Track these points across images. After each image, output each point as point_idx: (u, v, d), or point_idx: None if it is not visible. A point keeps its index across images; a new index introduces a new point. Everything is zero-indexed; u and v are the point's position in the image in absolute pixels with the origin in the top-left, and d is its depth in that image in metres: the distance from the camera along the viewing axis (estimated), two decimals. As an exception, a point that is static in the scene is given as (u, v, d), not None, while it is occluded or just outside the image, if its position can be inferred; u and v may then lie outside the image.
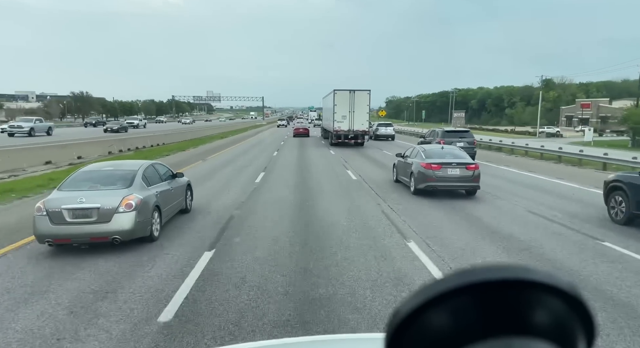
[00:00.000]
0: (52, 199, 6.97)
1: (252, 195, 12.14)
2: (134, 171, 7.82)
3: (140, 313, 4.87)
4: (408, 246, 7.40)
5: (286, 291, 5.45)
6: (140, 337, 4.32)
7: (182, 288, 5.51)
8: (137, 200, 7.16)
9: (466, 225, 9.07)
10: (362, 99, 29.36)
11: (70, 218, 6.78)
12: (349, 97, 29.16)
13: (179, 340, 4.28)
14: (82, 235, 6.84)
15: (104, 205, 6.90)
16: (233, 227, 8.71)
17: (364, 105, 29.42)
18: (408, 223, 9.04)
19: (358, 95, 29.29)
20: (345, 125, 29.40)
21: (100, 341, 4.27)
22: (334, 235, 8.08)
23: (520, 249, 7.43)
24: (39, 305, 5.08)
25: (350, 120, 29.28)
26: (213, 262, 6.50)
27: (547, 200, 11.70)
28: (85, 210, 6.83)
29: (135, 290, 5.50)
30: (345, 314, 4.81)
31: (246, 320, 4.70)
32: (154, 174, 8.41)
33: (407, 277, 5.99)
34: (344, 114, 29.23)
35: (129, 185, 7.41)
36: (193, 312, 4.89)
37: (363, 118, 29.57)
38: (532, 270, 0.43)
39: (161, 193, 8.16)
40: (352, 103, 29.12)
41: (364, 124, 29.68)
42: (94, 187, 7.34)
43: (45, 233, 6.76)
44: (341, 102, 29.15)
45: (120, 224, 6.90)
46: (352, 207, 10.65)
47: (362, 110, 29.37)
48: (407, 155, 13.48)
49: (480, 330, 0.41)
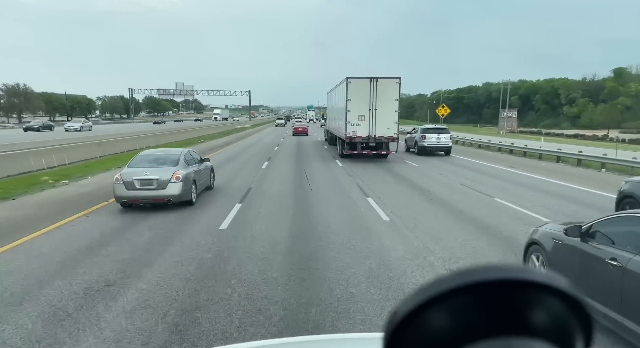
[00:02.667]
0: (125, 173, 10.04)
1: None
2: (178, 155, 10.96)
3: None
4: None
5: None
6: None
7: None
8: (182, 174, 10.22)
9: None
10: (388, 91, 20.68)
11: (139, 186, 9.85)
12: (369, 88, 20.63)
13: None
14: (147, 197, 9.93)
15: (161, 177, 9.97)
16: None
17: (391, 100, 20.70)
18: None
19: (383, 85, 20.66)
20: (363, 129, 20.97)
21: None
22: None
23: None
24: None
25: (370, 121, 20.89)
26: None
27: None
28: (149, 180, 9.90)
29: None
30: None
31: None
32: (190, 158, 11.46)
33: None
34: (362, 113, 20.85)
35: (175, 164, 10.48)
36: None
37: (390, 118, 20.76)
38: (531, 270, 0.43)
39: (195, 171, 11.21)
40: (373, 97, 20.65)
41: (391, 128, 20.96)
42: (152, 165, 10.42)
43: (122, 195, 9.86)
44: (358, 95, 20.69)
45: (172, 190, 9.97)
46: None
47: (388, 107, 20.64)
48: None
49: (479, 330, 0.41)
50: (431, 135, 24.41)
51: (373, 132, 21.07)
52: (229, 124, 77.56)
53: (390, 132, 21.08)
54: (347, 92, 20.77)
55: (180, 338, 4.29)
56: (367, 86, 20.72)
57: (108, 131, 43.75)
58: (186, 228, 8.51)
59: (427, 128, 25.39)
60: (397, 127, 21.19)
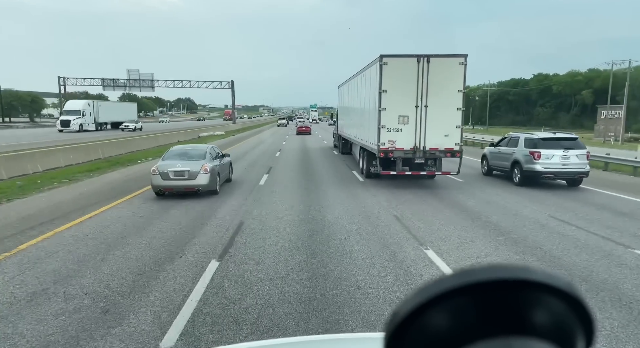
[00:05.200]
0: (161, 165, 11.62)
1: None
2: (205, 150, 12.60)
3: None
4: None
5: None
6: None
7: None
8: (209, 166, 11.77)
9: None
10: (447, 77, 13.69)
11: (173, 176, 11.40)
12: (416, 72, 13.63)
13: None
14: (180, 187, 11.51)
15: (192, 169, 11.52)
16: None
17: (451, 92, 13.67)
18: None
19: (438, 67, 13.64)
20: (406, 136, 13.87)
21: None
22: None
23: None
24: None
25: (418, 125, 13.83)
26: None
27: None
28: (181, 171, 11.46)
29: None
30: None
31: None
32: (214, 153, 13.01)
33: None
34: (404, 113, 13.82)
35: (203, 158, 12.05)
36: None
37: (449, 121, 13.77)
38: (532, 270, 0.43)
39: (218, 164, 12.75)
40: (423, 86, 13.67)
41: (451, 135, 13.85)
42: (183, 159, 12.00)
43: (159, 185, 11.45)
44: (397, 84, 13.73)
45: (201, 180, 11.53)
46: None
47: (447, 103, 13.68)
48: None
49: (480, 330, 0.42)
50: (552, 151, 13.73)
51: (422, 141, 13.65)
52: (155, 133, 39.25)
53: (449, 141, 13.62)
54: (381, 80, 13.47)
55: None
56: (413, 70, 13.40)
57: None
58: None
59: (542, 138, 14.24)
60: (461, 133, 13.73)
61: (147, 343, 4.26)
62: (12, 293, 5.43)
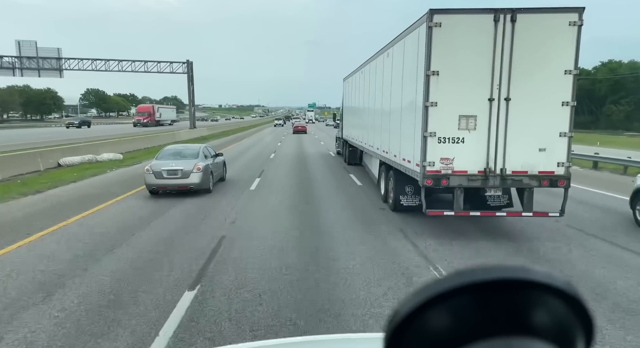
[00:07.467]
0: (154, 164, 11.79)
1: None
2: (198, 149, 12.76)
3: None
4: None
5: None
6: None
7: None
8: (202, 165, 11.95)
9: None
10: (546, 48, 7.49)
11: (166, 175, 11.58)
12: (492, 40, 7.51)
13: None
14: (173, 185, 11.68)
15: (185, 168, 11.69)
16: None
17: (552, 73, 7.52)
18: None
19: (530, 30, 7.48)
20: (472, 152, 7.83)
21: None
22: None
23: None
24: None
25: (494, 132, 7.76)
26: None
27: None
28: (175, 170, 11.63)
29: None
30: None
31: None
32: (207, 152, 13.19)
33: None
34: (470, 112, 7.75)
35: (196, 157, 12.23)
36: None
37: (549, 123, 7.66)
38: (532, 270, 0.43)
39: (212, 164, 12.92)
40: (503, 64, 7.53)
41: (550, 149, 7.73)
42: (176, 158, 12.17)
43: (152, 183, 11.62)
44: (458, 62, 7.62)
45: (194, 179, 11.70)
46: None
47: (543, 93, 7.59)
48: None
49: (480, 330, 0.42)
50: None
51: (500, 159, 7.91)
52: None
53: (548, 160, 7.85)
54: (430, 55, 7.66)
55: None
56: (487, 37, 7.61)
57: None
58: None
59: None
60: (569, 146, 7.82)
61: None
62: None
